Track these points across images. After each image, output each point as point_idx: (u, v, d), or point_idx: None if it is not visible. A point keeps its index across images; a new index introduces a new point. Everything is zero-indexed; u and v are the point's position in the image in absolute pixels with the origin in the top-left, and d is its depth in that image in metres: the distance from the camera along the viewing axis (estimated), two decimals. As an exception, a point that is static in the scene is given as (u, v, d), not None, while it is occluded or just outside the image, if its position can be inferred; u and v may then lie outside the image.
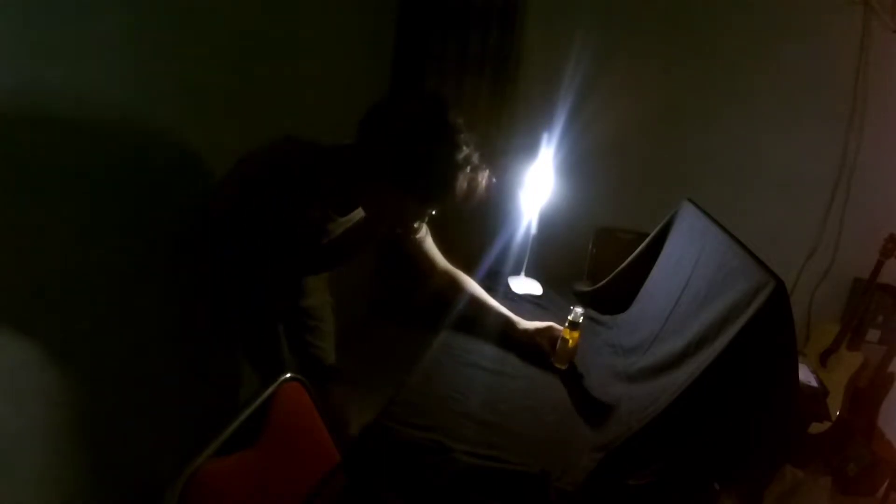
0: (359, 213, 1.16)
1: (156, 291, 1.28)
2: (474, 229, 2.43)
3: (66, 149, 1.00)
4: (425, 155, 0.97)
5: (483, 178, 1.07)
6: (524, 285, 1.67)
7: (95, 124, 1.05)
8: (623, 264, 1.65)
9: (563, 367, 1.25)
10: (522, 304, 1.59)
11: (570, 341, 1.23)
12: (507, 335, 1.33)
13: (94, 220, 1.09)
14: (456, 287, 1.36)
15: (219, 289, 1.23)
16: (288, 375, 0.99)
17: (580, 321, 1.22)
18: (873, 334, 2.08)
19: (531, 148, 1.65)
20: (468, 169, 1.01)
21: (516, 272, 1.73)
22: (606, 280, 1.66)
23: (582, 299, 1.63)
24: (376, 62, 2.38)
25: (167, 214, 1.27)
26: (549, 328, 1.29)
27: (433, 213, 1.12)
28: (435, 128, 0.97)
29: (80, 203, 1.05)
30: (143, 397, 1.29)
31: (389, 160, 0.98)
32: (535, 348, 1.28)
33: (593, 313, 1.58)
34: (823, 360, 2.07)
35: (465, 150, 0.99)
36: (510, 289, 1.66)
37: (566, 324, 1.23)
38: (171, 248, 1.29)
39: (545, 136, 1.69)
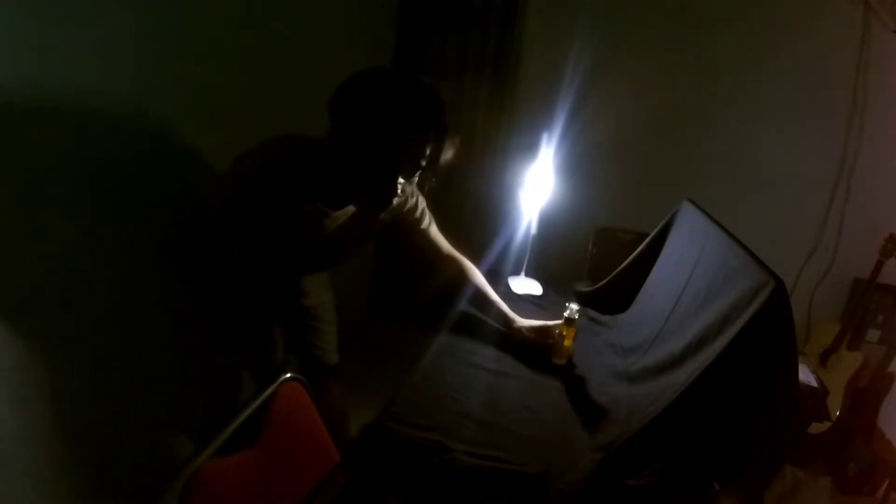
0: (352, 208, 1.15)
1: (156, 291, 1.28)
2: (474, 229, 2.43)
3: (66, 148, 1.00)
4: (374, 128, 0.95)
5: (450, 140, 1.05)
6: (524, 285, 1.67)
7: (95, 123, 1.05)
8: (623, 264, 1.65)
9: (562, 363, 1.27)
10: (522, 304, 1.59)
11: (567, 337, 1.24)
12: (504, 333, 1.34)
13: (94, 219, 1.09)
14: (462, 276, 1.37)
15: (218, 289, 1.22)
16: (288, 375, 0.99)
17: (576, 317, 1.24)
18: (873, 334, 2.08)
19: (531, 148, 1.65)
20: (424, 131, 0.98)
21: (516, 272, 1.73)
22: (606, 280, 1.66)
23: (582, 299, 1.63)
24: (376, 62, 2.38)
25: (167, 214, 1.27)
26: (545, 327, 1.30)
27: (403, 182, 1.07)
28: (385, 99, 0.95)
29: (80, 203, 1.05)
30: (143, 397, 1.29)
31: (346, 139, 0.97)
32: (530, 345, 1.29)
33: (593, 313, 1.58)
34: (823, 360, 2.07)
35: (415, 112, 0.96)
36: (510, 289, 1.66)
37: (562, 320, 1.24)
38: (170, 248, 1.29)
39: (545, 136, 1.69)
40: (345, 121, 0.97)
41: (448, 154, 1.08)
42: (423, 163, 1.01)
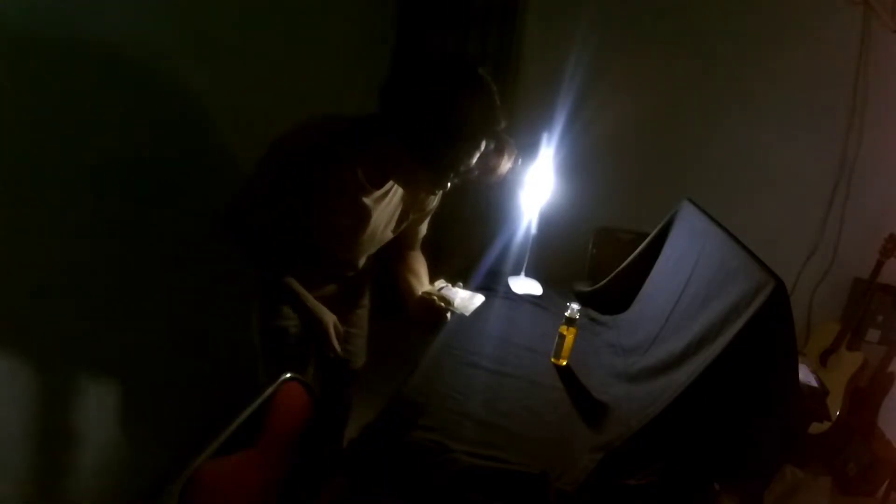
0: (392, 186, 1.10)
1: (157, 291, 1.28)
2: (474, 229, 2.43)
3: (67, 146, 1.00)
4: (439, 122, 0.91)
5: (507, 151, 1.01)
6: (524, 285, 1.67)
7: (96, 122, 1.05)
8: (623, 264, 1.65)
9: (562, 364, 1.27)
10: (522, 304, 1.60)
11: (568, 337, 1.24)
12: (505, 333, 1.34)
13: (95, 218, 1.09)
14: (412, 271, 1.28)
15: (257, 295, 1.20)
16: (288, 375, 0.99)
17: (576, 317, 1.24)
18: (873, 334, 2.08)
19: (531, 148, 1.65)
20: (484, 140, 0.95)
21: (516, 272, 1.73)
22: (606, 280, 1.66)
23: (582, 299, 1.63)
24: (376, 62, 2.38)
25: (169, 213, 1.27)
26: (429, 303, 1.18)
27: (453, 181, 1.03)
28: (454, 92, 0.91)
29: (80, 202, 1.05)
30: (144, 397, 1.29)
31: (404, 128, 0.94)
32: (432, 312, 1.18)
33: (593, 313, 1.58)
34: (823, 360, 2.07)
35: (482, 119, 0.93)
36: (510, 289, 1.66)
37: (563, 320, 1.24)
38: (175, 247, 1.29)
39: (545, 136, 1.68)
40: (405, 109, 0.93)
41: (506, 160, 1.03)
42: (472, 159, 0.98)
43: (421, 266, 1.30)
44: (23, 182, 0.94)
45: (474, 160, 0.98)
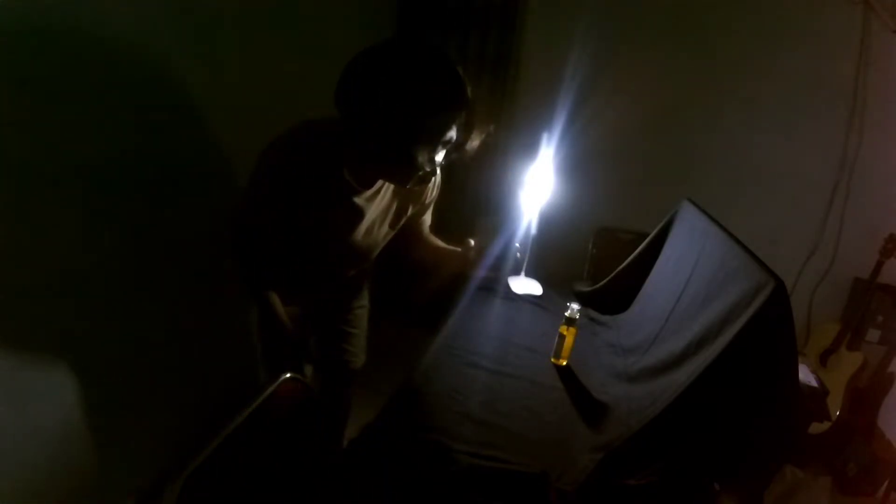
0: (382, 185, 1.10)
1: (156, 291, 1.28)
2: (474, 229, 2.43)
3: (67, 147, 1.00)
4: (393, 115, 0.89)
5: (477, 124, 0.99)
6: (524, 285, 1.67)
7: (96, 121, 1.05)
8: (623, 264, 1.65)
9: (562, 364, 1.27)
10: (522, 304, 1.60)
11: (568, 337, 1.24)
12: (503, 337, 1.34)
13: (95, 219, 1.09)
14: (435, 255, 1.31)
15: (257, 299, 1.20)
16: (288, 375, 0.99)
17: (576, 317, 1.24)
18: (873, 334, 2.08)
19: (531, 148, 1.65)
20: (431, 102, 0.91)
21: (516, 272, 1.73)
22: (606, 280, 1.66)
23: (582, 299, 1.63)
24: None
25: (169, 213, 1.27)
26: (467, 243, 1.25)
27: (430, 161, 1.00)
28: (400, 80, 0.88)
29: (80, 202, 1.05)
30: (144, 397, 1.29)
31: (364, 130, 0.94)
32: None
33: (593, 313, 1.58)
34: (823, 360, 2.07)
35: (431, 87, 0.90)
36: (510, 289, 1.66)
37: (563, 320, 1.25)
38: (174, 247, 1.29)
39: (545, 136, 1.68)
40: (353, 112, 0.93)
41: (476, 134, 1.01)
42: (445, 140, 0.96)
43: (437, 239, 1.31)
44: (23, 182, 0.94)
45: (450, 137, 0.96)
